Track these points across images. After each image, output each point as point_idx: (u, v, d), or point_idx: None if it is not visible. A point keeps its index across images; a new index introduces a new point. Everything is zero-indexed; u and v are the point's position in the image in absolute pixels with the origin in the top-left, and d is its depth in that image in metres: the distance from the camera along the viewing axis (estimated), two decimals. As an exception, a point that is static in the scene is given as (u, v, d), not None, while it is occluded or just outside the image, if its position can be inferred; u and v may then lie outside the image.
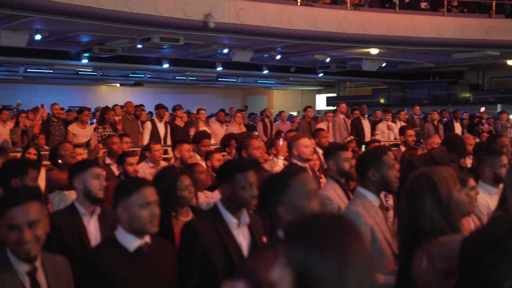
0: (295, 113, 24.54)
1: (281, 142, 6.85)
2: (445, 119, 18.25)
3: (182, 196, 4.45)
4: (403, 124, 14.10)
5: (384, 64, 23.03)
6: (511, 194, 3.19)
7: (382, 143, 11.56)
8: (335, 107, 17.95)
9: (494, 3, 18.99)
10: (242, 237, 3.75)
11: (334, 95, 32.31)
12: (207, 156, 7.21)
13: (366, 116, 16.24)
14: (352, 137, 12.07)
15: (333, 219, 1.75)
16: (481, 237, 2.01)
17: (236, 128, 13.67)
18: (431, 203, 2.90)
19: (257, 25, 16.27)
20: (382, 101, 28.10)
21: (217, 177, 3.87)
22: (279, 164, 6.52)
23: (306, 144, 6.17)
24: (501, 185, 4.21)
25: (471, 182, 4.57)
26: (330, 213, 1.79)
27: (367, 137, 14.43)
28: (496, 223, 2.13)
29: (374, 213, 3.97)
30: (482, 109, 19.97)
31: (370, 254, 1.77)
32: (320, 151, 7.96)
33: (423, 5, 19.16)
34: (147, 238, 3.43)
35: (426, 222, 2.88)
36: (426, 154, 6.17)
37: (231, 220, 3.72)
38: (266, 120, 17.00)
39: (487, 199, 4.84)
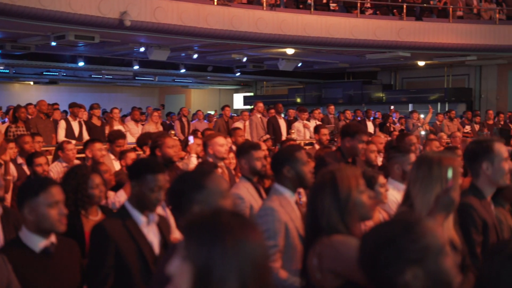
0: (212, 112, 24.56)
1: (191, 140, 6.87)
2: (359, 118, 18.65)
3: (93, 194, 4.43)
4: (318, 123, 14.36)
5: (300, 64, 23.26)
6: (414, 189, 3.30)
7: (298, 142, 11.76)
8: (252, 106, 18.08)
9: (405, 6, 19.52)
10: (153, 235, 3.75)
11: (251, 94, 32.45)
12: (121, 155, 7.16)
13: (283, 115, 16.44)
14: (268, 136, 12.21)
15: (233, 216, 1.81)
16: (377, 234, 2.05)
17: (153, 127, 13.59)
18: (330, 200, 2.93)
19: (174, 24, 16.18)
20: (298, 100, 28.37)
21: (128, 173, 3.86)
22: (193, 162, 6.54)
23: (221, 143, 6.21)
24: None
25: (381, 179, 4.73)
26: (230, 210, 1.84)
27: (284, 135, 14.60)
28: (392, 221, 2.19)
29: (289, 210, 4.03)
30: (392, 107, 20.64)
31: (267, 250, 1.84)
32: (236, 150, 8.01)
33: (332, 6, 19.47)
34: (52, 238, 3.40)
35: (323, 219, 2.92)
36: (336, 150, 6.28)
37: (140, 218, 3.72)
38: (184, 119, 16.95)
39: (396, 195, 4.99)
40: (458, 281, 2.02)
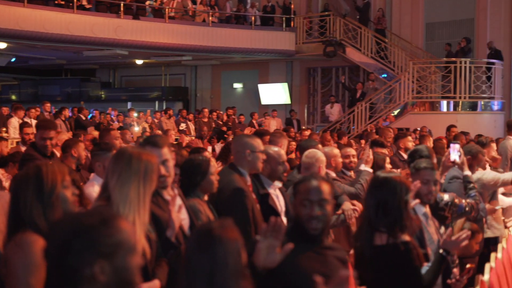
0: None
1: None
2: (75, 116, 18.41)
3: None
4: (33, 121, 13.93)
5: (13, 59, 22.35)
6: (112, 182, 3.31)
7: (10, 139, 11.40)
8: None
9: (122, 4, 19.60)
10: None
11: (-39, 90, 30.41)
12: None
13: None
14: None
15: None
16: (72, 222, 2.03)
17: None
18: (33, 193, 2.93)
19: None
20: (13, 97, 27.21)
21: None
22: None
23: None
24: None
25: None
26: None
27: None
28: (90, 212, 2.20)
29: None
30: (84, 105, 20.97)
31: None
32: None
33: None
34: None
35: (26, 212, 2.91)
36: (32, 146, 6.10)
37: None
38: None
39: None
40: (139, 281, 2.07)
